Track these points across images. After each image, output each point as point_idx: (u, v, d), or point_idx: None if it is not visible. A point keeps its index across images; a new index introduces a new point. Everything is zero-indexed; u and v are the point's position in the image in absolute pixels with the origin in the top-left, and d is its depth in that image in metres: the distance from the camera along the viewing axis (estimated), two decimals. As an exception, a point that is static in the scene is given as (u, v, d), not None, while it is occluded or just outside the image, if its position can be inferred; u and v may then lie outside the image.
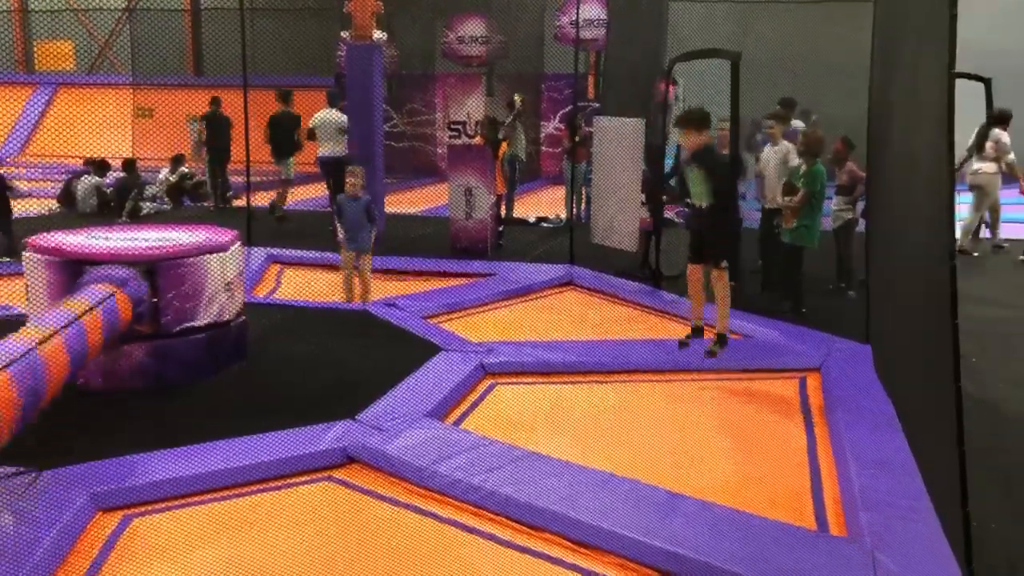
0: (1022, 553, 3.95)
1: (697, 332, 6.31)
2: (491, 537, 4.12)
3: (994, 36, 15.36)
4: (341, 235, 8.18)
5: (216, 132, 13.56)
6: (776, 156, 8.25)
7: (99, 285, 5.32)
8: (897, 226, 5.31)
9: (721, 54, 7.96)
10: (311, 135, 12.12)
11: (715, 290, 6.03)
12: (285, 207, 13.00)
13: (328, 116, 11.79)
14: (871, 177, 6.98)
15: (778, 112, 8.80)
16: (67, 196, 13.48)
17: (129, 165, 13.56)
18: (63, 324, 4.56)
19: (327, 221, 11.21)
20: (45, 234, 6.11)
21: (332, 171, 11.63)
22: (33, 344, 4.22)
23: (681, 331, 7.56)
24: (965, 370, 3.46)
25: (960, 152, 9.80)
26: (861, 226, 7.91)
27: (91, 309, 4.90)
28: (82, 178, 13.41)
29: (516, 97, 13.62)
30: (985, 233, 12.10)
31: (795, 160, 7.96)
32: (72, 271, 5.53)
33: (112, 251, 5.80)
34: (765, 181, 8.38)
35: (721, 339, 6.20)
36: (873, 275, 6.67)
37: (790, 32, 10.84)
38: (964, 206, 10.60)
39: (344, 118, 11.66)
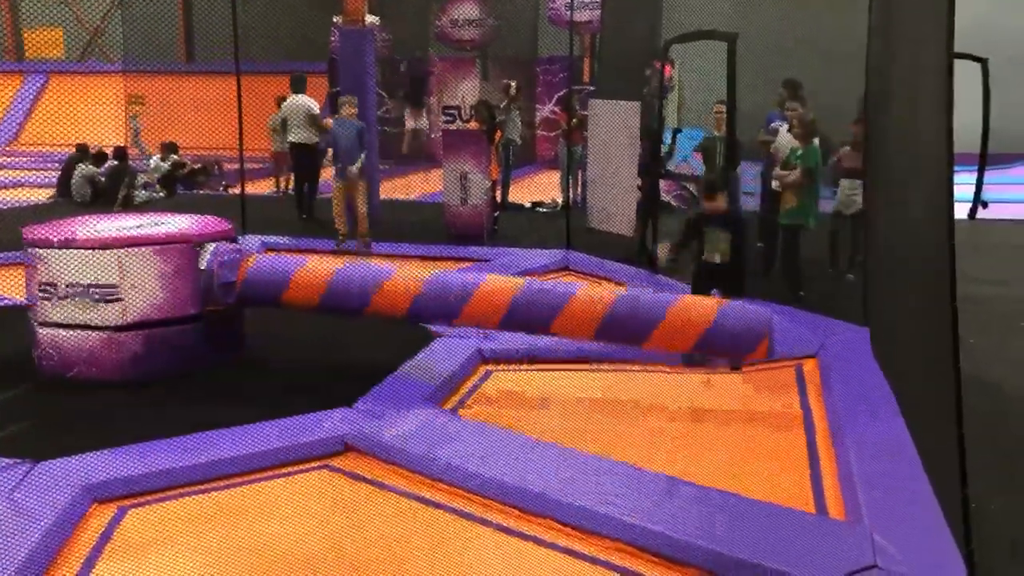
0: (1022, 533, 3.94)
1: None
2: (489, 523, 4.11)
3: (992, 15, 15.30)
4: (333, 170, 8.31)
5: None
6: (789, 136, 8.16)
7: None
8: (895, 207, 5.27)
9: (717, 35, 7.91)
10: (283, 124, 12.07)
11: None
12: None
13: (296, 102, 11.69)
14: (869, 159, 6.94)
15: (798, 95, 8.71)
16: (62, 185, 13.41)
17: (121, 154, 13.48)
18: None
19: (321, 208, 11.20)
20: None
21: (301, 157, 11.59)
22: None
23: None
24: (963, 351, 3.45)
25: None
26: None
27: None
28: (77, 167, 13.34)
29: (511, 82, 13.57)
30: (982, 212, 12.07)
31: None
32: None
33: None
34: (776, 162, 8.32)
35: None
36: (871, 257, 6.64)
37: (789, 13, 10.77)
38: (955, 187, 10.51)
39: (312, 103, 11.59)
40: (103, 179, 13.21)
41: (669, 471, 4.42)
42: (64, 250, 5.63)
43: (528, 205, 13.18)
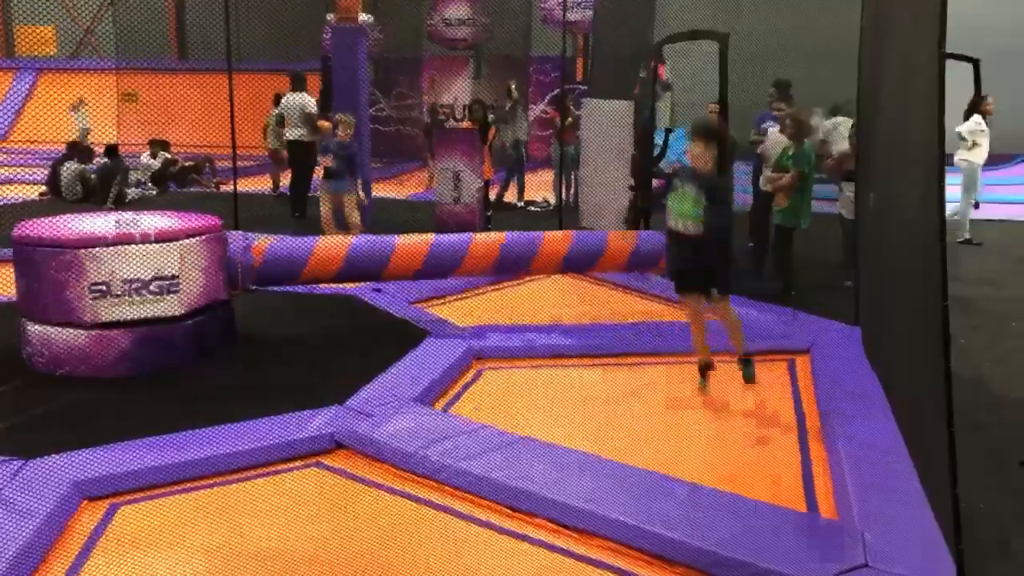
0: (1011, 532, 3.96)
1: (707, 368, 5.78)
2: (481, 522, 4.10)
3: (981, 12, 15.31)
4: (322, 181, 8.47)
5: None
6: (784, 139, 8.15)
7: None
8: (887, 207, 5.29)
9: (709, 35, 7.92)
10: (280, 121, 12.08)
11: (723, 321, 5.73)
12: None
13: (294, 100, 11.69)
14: (862, 158, 6.96)
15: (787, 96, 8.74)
16: (54, 183, 13.35)
17: (111, 151, 13.43)
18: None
19: (312, 205, 11.18)
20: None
21: (299, 154, 11.59)
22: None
23: (669, 314, 7.57)
24: (955, 350, 3.46)
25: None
26: None
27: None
28: (65, 164, 13.27)
29: (512, 85, 13.60)
30: (975, 213, 12.11)
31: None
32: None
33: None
34: (765, 162, 8.33)
35: (747, 362, 5.80)
36: (863, 257, 6.66)
37: (781, 11, 10.78)
38: (955, 188, 10.58)
39: (310, 101, 11.59)
40: (93, 176, 13.15)
41: (661, 469, 4.42)
42: (125, 246, 5.67)
43: (521, 204, 13.18)
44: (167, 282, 5.78)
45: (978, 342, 6.62)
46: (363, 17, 11.21)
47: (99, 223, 6.05)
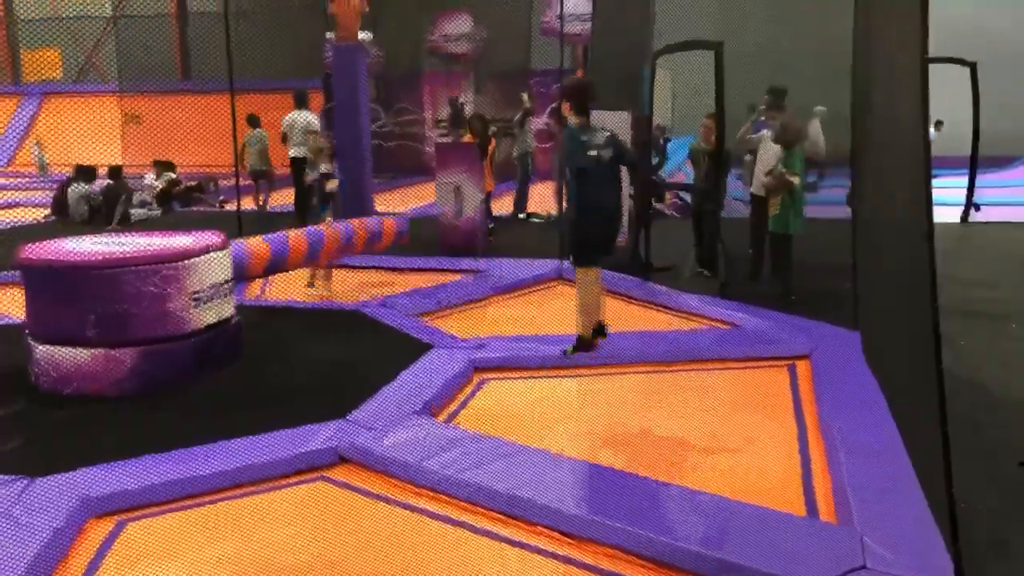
0: (1010, 532, 3.97)
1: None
2: (484, 532, 4.13)
3: (978, 17, 15.38)
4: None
5: None
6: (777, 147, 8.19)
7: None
8: (879, 210, 5.33)
9: (704, 45, 7.98)
10: (284, 138, 12.18)
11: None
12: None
13: (296, 117, 11.79)
14: (855, 162, 7.00)
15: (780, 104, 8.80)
16: (59, 205, 13.47)
17: (115, 172, 13.55)
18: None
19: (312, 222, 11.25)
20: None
21: (302, 171, 11.69)
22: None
23: (671, 322, 7.62)
24: (954, 351, 3.51)
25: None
26: None
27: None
28: (72, 186, 13.41)
29: (524, 96, 13.67)
30: (975, 215, 12.15)
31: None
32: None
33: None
34: (758, 168, 8.37)
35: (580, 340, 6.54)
36: (860, 261, 6.69)
37: (778, 19, 10.84)
38: (944, 190, 10.60)
39: (311, 118, 11.69)
40: (97, 197, 13.28)
41: (660, 476, 4.45)
42: (211, 254, 6.18)
43: (522, 216, 13.24)
44: (228, 284, 6.44)
45: (977, 344, 6.63)
46: (362, 35, 11.33)
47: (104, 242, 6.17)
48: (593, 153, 6.16)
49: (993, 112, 11.94)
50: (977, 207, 12.20)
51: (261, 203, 13.63)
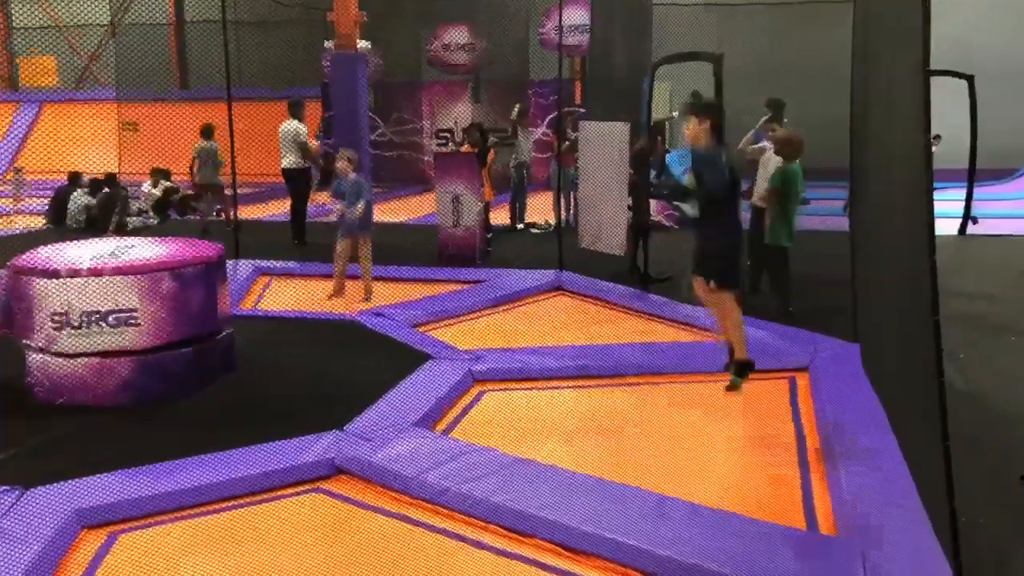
0: (1010, 546, 3.94)
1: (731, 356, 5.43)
2: (482, 545, 4.10)
3: (973, 35, 15.45)
4: (337, 216, 8.54)
5: None
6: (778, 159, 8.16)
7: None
8: (879, 224, 5.31)
9: (703, 56, 7.98)
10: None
11: (718, 315, 5.40)
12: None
13: (287, 127, 11.74)
14: (854, 176, 6.99)
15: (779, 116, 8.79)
16: (54, 213, 13.44)
17: (110, 180, 13.52)
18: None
19: (316, 232, 11.24)
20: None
21: (293, 180, 11.65)
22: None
23: (669, 333, 7.59)
24: (954, 365, 3.49)
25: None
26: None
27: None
28: (72, 195, 13.38)
29: (516, 106, 13.68)
30: (972, 228, 12.15)
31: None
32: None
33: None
34: (759, 180, 8.36)
35: (740, 369, 5.32)
36: (859, 274, 6.68)
37: (774, 33, 10.88)
38: (942, 202, 10.60)
39: (302, 128, 11.64)
40: (95, 205, 13.24)
41: (660, 489, 4.42)
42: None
43: (521, 226, 13.23)
44: None
45: (977, 357, 6.61)
46: (361, 43, 11.32)
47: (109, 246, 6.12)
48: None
49: (990, 126, 11.96)
50: (975, 220, 12.19)
51: (223, 218, 13.29)
